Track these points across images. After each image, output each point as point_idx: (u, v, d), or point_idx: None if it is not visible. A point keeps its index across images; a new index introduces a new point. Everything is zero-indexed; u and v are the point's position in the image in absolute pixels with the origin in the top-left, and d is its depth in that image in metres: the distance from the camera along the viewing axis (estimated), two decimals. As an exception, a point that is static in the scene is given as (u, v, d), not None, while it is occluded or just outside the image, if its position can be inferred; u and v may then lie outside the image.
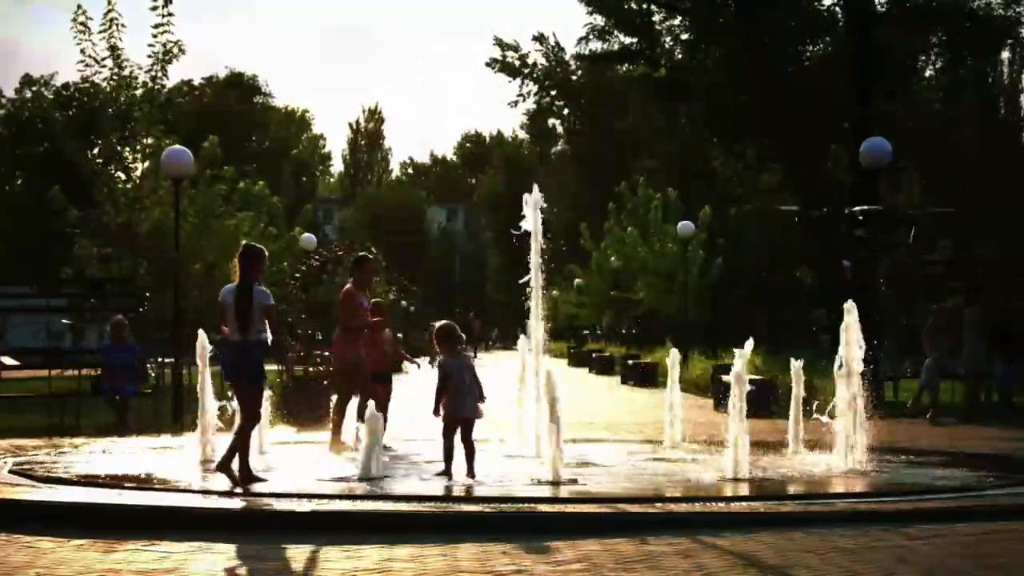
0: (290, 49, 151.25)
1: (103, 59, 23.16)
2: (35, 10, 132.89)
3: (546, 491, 9.08)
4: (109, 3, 22.76)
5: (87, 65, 23.35)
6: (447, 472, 9.75)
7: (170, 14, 22.70)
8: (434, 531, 7.48)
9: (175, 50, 22.99)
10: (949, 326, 18.30)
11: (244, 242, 10.31)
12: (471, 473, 9.73)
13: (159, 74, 23.34)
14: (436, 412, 9.70)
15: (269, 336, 9.62)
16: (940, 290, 20.31)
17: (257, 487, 9.28)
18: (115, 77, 23.48)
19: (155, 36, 22.88)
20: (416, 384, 16.29)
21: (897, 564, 6.49)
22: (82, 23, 22.76)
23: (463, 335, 10.09)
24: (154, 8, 22.66)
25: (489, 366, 12.68)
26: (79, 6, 22.64)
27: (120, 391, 17.07)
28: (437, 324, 10.18)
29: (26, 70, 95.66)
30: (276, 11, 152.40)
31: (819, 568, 6.39)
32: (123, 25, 22.87)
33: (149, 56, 23.16)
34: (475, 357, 12.84)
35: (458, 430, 9.73)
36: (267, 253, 10.17)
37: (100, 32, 22.96)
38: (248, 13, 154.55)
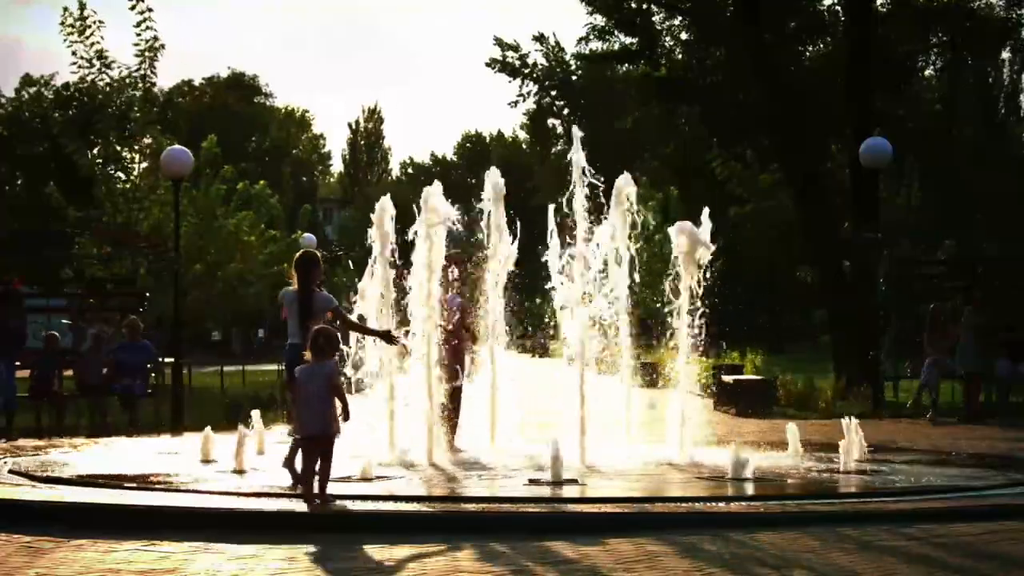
0: (290, 49, 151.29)
1: (91, 60, 23.21)
2: (35, 10, 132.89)
3: (546, 491, 9.08)
4: (81, 7, 22.78)
5: (80, 67, 23.41)
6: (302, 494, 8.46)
7: (149, 9, 22.72)
8: (434, 531, 7.48)
9: (155, 44, 22.99)
10: (948, 326, 18.31)
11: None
12: (321, 496, 8.34)
13: (148, 72, 23.37)
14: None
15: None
16: (940, 290, 20.32)
17: (257, 487, 9.29)
18: (109, 78, 23.50)
19: (138, 34, 22.91)
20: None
21: (897, 564, 6.49)
22: (70, 25, 22.80)
23: (331, 345, 8.69)
24: (132, 7, 22.66)
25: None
26: (65, 8, 22.72)
27: (129, 390, 17.17)
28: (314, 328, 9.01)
29: (26, 70, 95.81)
30: (276, 11, 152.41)
31: (819, 568, 6.39)
32: (101, 22, 22.91)
33: (136, 55, 23.20)
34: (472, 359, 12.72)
35: (312, 449, 8.38)
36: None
37: (82, 33, 22.98)
38: (248, 13, 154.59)
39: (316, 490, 8.41)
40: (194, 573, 6.39)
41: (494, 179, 12.05)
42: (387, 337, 10.82)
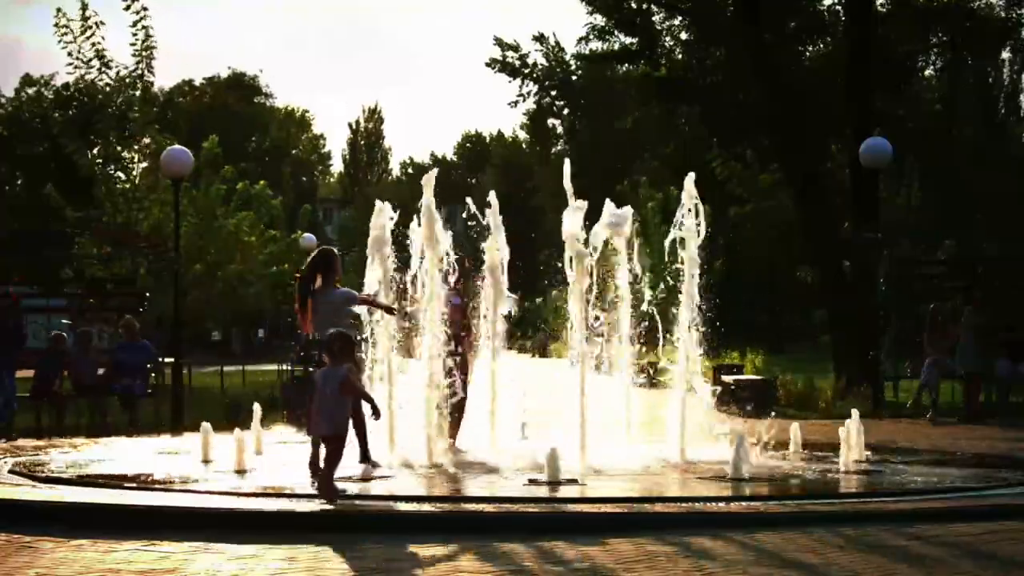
0: (290, 49, 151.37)
1: (89, 60, 23.21)
2: (35, 10, 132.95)
3: (546, 491, 9.08)
4: (83, 7, 22.79)
5: (76, 67, 23.42)
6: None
7: (144, 9, 22.73)
8: (434, 531, 7.47)
9: (148, 43, 23.00)
10: (948, 326, 18.31)
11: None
12: (319, 491, 8.44)
13: (145, 71, 23.39)
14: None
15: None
16: (940, 290, 20.34)
17: (257, 487, 9.29)
18: (108, 78, 23.52)
19: (134, 34, 22.92)
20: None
21: (897, 564, 6.49)
22: (64, 25, 22.81)
23: (345, 350, 8.90)
24: (127, 8, 22.66)
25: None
26: (59, 10, 22.73)
27: (129, 390, 17.19)
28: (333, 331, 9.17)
29: (26, 70, 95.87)
30: (276, 11, 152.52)
31: (819, 568, 6.38)
32: (102, 22, 22.91)
33: (133, 55, 23.22)
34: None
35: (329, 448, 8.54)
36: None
37: (82, 34, 22.99)
38: (248, 13, 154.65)
39: (316, 490, 8.44)
40: (194, 573, 6.39)
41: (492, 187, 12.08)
42: (388, 309, 11.28)
